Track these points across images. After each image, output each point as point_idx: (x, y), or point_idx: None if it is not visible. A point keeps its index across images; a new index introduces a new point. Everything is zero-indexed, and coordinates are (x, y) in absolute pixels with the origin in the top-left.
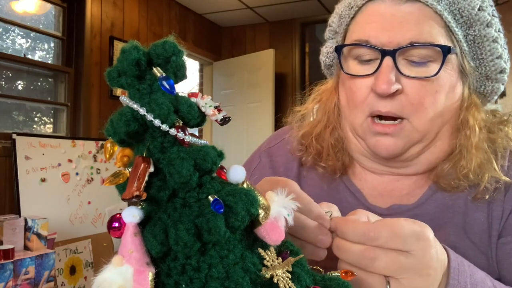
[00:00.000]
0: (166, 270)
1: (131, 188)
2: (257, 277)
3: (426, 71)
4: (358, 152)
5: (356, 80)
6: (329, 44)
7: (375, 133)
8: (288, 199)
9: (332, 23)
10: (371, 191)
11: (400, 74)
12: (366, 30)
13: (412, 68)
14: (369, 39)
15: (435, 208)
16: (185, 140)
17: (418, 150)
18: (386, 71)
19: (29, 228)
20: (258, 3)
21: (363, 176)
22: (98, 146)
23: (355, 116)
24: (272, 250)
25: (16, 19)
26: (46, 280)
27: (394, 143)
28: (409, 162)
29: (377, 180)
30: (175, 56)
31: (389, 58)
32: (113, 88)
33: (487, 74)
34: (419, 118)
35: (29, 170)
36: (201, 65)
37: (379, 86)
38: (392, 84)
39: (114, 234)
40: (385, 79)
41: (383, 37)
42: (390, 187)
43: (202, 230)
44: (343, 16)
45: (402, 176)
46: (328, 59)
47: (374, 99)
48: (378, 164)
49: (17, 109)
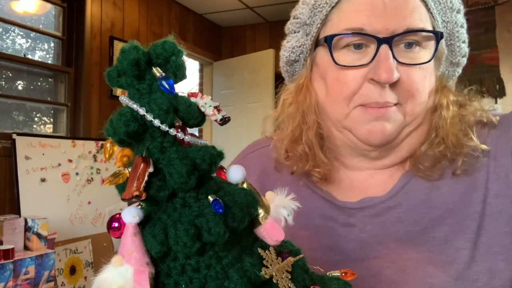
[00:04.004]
0: (166, 270)
1: (131, 188)
2: (256, 277)
3: (417, 57)
4: (343, 147)
5: (347, 71)
6: (294, 38)
7: (369, 119)
8: (288, 199)
9: (301, 15)
10: (344, 190)
11: (396, 62)
12: (358, 18)
13: (404, 55)
14: (363, 26)
15: (408, 200)
16: (184, 140)
17: (405, 135)
18: (386, 58)
19: (29, 228)
20: (258, 3)
21: (341, 176)
22: (98, 146)
23: (341, 109)
24: (272, 250)
25: (16, 19)
26: (46, 280)
27: (389, 126)
28: (394, 149)
29: (353, 179)
30: (175, 56)
31: (386, 46)
32: (113, 88)
33: (453, 59)
34: (412, 103)
35: (29, 170)
36: (201, 65)
37: (380, 75)
38: (393, 72)
39: (114, 234)
40: (388, 67)
41: (377, 24)
42: (365, 184)
43: (201, 230)
44: (319, 6)
45: (377, 171)
46: (293, 54)
47: (369, 90)
48: (361, 157)
49: (17, 109)
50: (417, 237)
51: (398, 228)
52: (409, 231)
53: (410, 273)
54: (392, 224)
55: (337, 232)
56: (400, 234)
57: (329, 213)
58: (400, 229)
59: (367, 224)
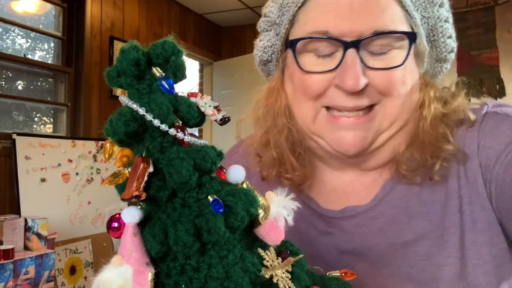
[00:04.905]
0: (166, 270)
1: (131, 188)
2: (256, 277)
3: (390, 60)
4: (319, 151)
5: (313, 75)
6: (266, 37)
7: (338, 128)
8: (288, 199)
9: (270, 13)
10: (327, 195)
11: (365, 67)
12: (323, 20)
13: (376, 58)
14: (328, 29)
15: (391, 210)
16: (184, 140)
17: (385, 139)
18: (352, 65)
19: (29, 228)
20: (258, 3)
21: (323, 178)
22: (98, 146)
23: (307, 109)
24: (272, 250)
25: (16, 19)
26: (46, 280)
27: (363, 137)
28: (373, 154)
29: (337, 181)
30: (175, 56)
31: (353, 50)
32: (113, 88)
33: (437, 55)
34: (391, 103)
35: (29, 170)
36: (201, 65)
37: (346, 83)
38: (360, 79)
39: (114, 234)
40: (353, 74)
41: (343, 27)
42: (350, 188)
43: (201, 230)
44: (286, 5)
45: (363, 173)
46: (265, 54)
47: (336, 94)
48: (340, 160)
49: (17, 109)
50: (398, 250)
51: (379, 240)
52: (391, 244)
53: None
54: (374, 236)
55: (318, 240)
56: (382, 247)
57: (311, 220)
58: (382, 241)
59: (348, 235)
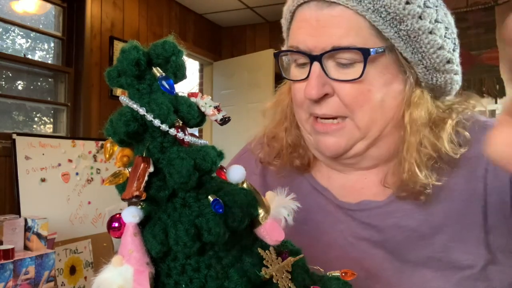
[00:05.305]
0: (166, 270)
1: (131, 188)
2: (256, 277)
3: (353, 72)
4: (313, 149)
5: (295, 84)
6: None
7: (317, 132)
8: (288, 199)
9: (282, 24)
10: (339, 190)
11: (329, 78)
12: (296, 36)
13: (341, 70)
14: (298, 45)
15: (406, 205)
16: (185, 140)
17: (363, 147)
18: (313, 76)
19: (29, 228)
20: (258, 3)
21: (330, 175)
22: (98, 146)
23: (300, 115)
24: (272, 250)
25: (16, 19)
26: (46, 280)
27: (335, 142)
28: (357, 158)
29: (344, 179)
30: (175, 56)
31: (317, 63)
32: (113, 88)
33: (434, 66)
34: (359, 115)
35: (29, 170)
36: (201, 65)
37: (306, 92)
38: (318, 89)
39: (114, 234)
40: (312, 85)
41: (309, 42)
42: (359, 184)
43: (201, 230)
44: (284, 22)
45: (365, 172)
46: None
47: (309, 102)
48: (330, 159)
49: (17, 109)
50: (415, 242)
51: (395, 233)
52: (408, 236)
53: (408, 276)
54: (389, 229)
55: (335, 227)
56: (398, 239)
57: (328, 209)
58: (398, 234)
59: (365, 224)
